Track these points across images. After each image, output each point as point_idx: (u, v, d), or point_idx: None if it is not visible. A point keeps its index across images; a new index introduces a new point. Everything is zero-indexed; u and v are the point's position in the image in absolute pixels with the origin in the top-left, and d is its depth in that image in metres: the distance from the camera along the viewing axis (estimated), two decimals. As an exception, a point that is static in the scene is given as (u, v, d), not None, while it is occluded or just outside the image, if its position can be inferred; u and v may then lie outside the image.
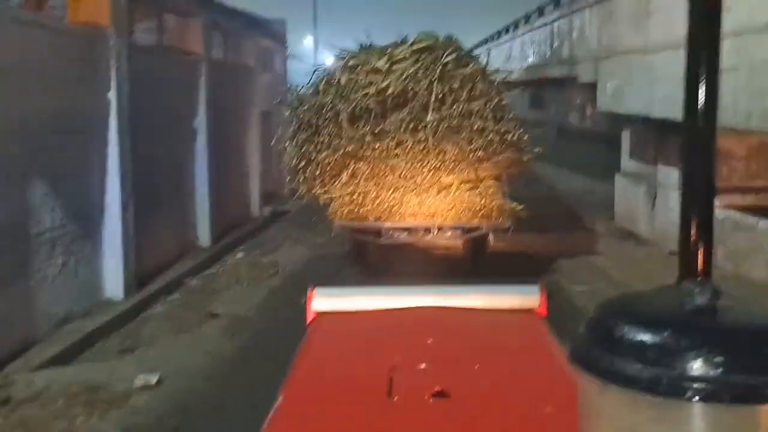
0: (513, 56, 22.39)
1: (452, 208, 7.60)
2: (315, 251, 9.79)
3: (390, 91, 7.56)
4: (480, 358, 1.89)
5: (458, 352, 1.96)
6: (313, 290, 2.34)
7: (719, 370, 0.79)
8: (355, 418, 1.62)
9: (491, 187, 7.67)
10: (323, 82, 8.06)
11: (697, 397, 0.80)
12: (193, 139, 9.88)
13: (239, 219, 11.57)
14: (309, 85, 8.26)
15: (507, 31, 23.65)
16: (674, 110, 7.47)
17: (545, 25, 17.90)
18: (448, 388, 1.66)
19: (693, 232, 1.07)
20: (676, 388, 0.80)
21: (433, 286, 2.45)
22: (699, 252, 1.06)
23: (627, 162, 11.60)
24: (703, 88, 1.05)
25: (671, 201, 9.19)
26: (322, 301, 2.32)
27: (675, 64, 7.11)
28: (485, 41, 27.80)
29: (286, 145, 8.09)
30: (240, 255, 9.70)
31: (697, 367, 0.80)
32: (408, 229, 7.81)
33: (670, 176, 9.60)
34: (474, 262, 8.12)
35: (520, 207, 7.79)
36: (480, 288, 2.44)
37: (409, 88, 7.56)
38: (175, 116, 9.33)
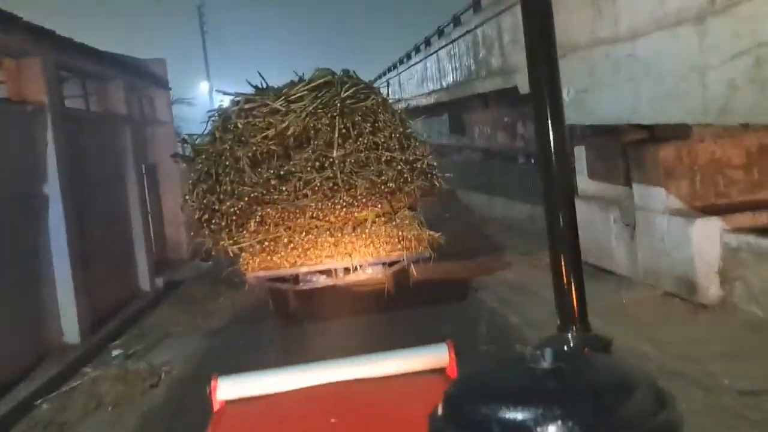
0: (428, 77, 20.38)
1: (370, 243, 7.55)
2: (213, 340, 8.21)
3: (291, 131, 7.45)
4: (384, 431, 1.88)
5: (363, 427, 1.98)
6: (217, 379, 2.37)
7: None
8: None
9: (407, 218, 7.63)
10: (219, 129, 7.90)
11: None
12: (44, 209, 8.19)
13: (123, 298, 10.02)
14: (205, 132, 8.07)
15: (417, 50, 21.39)
16: (673, 111, 6.29)
17: (466, 33, 15.27)
18: None
19: (565, 281, 1.04)
20: None
21: (341, 359, 2.48)
22: (573, 300, 1.03)
23: (586, 183, 9.35)
24: (552, 130, 1.04)
25: (657, 228, 7.58)
26: (227, 389, 2.35)
27: (671, 49, 6.03)
28: (388, 69, 27.08)
29: (186, 198, 7.83)
30: (116, 352, 7.97)
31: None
32: (326, 271, 7.69)
33: (652, 197, 7.74)
34: (398, 295, 8.09)
35: (439, 234, 7.86)
36: (388, 354, 2.47)
37: (311, 126, 7.50)
38: (12, 182, 7.75)
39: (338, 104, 7.54)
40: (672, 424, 0.84)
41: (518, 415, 0.85)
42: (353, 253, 7.50)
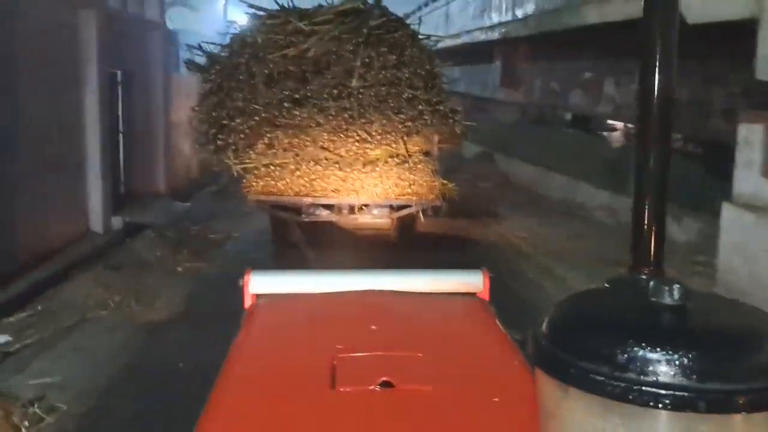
0: (493, 5, 16.24)
1: (379, 183, 7.51)
2: (135, 353, 5.39)
3: (311, 53, 7.31)
4: (425, 345, 1.92)
5: (402, 338, 1.99)
6: (250, 273, 2.36)
7: (692, 378, 0.78)
8: (297, 410, 1.64)
9: (421, 162, 7.56)
10: (237, 42, 7.76)
11: (668, 406, 0.78)
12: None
13: (58, 241, 7.71)
14: (222, 44, 7.93)
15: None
16: None
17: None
18: (394, 377, 1.68)
19: (645, 220, 1.02)
20: (647, 396, 0.79)
21: (374, 270, 2.49)
22: (651, 241, 1.01)
23: (756, 184, 6.02)
24: (657, 69, 0.99)
25: None
26: (260, 283, 2.35)
27: None
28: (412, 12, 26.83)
29: (195, 109, 7.75)
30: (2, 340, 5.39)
31: (669, 374, 0.79)
32: (331, 206, 7.69)
33: None
34: (402, 242, 8.12)
35: (452, 185, 7.84)
36: (422, 273, 2.49)
37: (333, 51, 7.37)
38: None
39: (365, 32, 7.38)
40: None
41: (639, 355, 0.80)
42: (360, 191, 7.48)
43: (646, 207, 1.03)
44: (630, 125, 11.59)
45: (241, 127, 7.29)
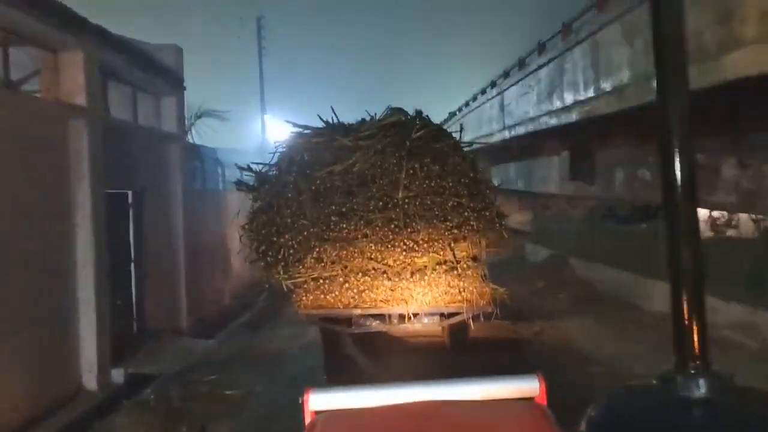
0: (565, 83, 13.30)
1: (428, 291, 7.53)
2: None
3: (357, 167, 7.63)
4: None
5: None
6: (309, 391, 2.46)
7: None
8: None
9: (470, 268, 7.60)
10: (285, 160, 8.14)
11: None
12: None
13: (44, 405, 6.60)
14: (269, 163, 8.33)
15: (542, 48, 14.87)
16: None
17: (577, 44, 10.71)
18: None
19: (685, 313, 1.05)
20: None
21: (429, 381, 2.54)
22: (693, 335, 1.04)
23: None
24: (678, 160, 1.07)
25: None
26: (319, 401, 2.43)
27: None
28: (473, 98, 24.25)
29: (245, 227, 8.04)
30: None
31: None
32: (380, 316, 7.71)
33: None
34: (454, 350, 8.00)
35: (503, 290, 7.79)
36: (478, 380, 2.54)
37: (378, 164, 7.67)
38: None
39: (407, 144, 7.67)
40: None
41: None
42: (409, 300, 7.50)
43: (685, 301, 1.07)
44: (762, 216, 10.03)
45: (291, 242, 7.51)
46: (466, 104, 24.17)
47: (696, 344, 1.02)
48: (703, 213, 11.17)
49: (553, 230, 16.08)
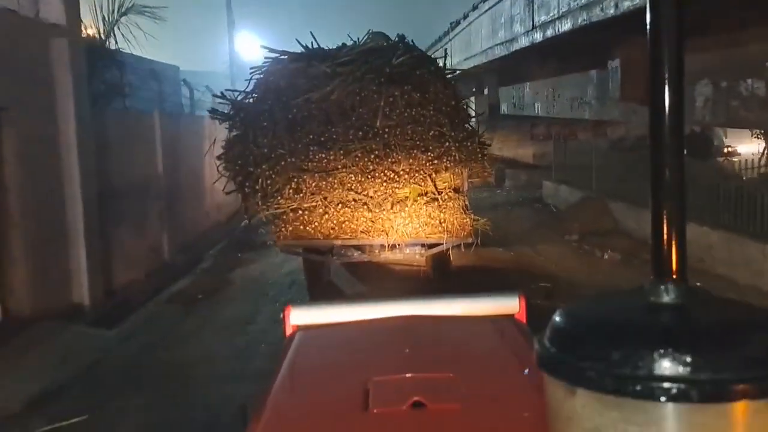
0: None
1: (409, 222, 7.60)
2: None
3: (335, 95, 7.53)
4: (458, 366, 2.00)
5: (436, 360, 2.09)
6: (290, 307, 2.52)
7: (687, 369, 0.83)
8: (332, 429, 1.76)
9: (451, 199, 7.64)
10: (260, 88, 8.00)
11: (665, 398, 0.83)
12: None
13: None
14: (245, 89, 8.18)
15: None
16: None
17: None
18: (426, 397, 1.75)
19: (665, 229, 1.06)
20: (643, 389, 0.84)
21: (411, 297, 2.63)
22: (672, 252, 1.05)
23: None
24: (669, 70, 1.05)
25: None
26: (300, 316, 2.51)
27: None
28: (464, 16, 23.39)
29: (220, 157, 7.97)
30: None
31: (664, 366, 0.84)
32: (361, 247, 7.79)
33: None
34: (438, 279, 8.14)
35: (484, 220, 7.87)
36: (459, 297, 2.60)
37: (357, 92, 7.56)
38: None
39: (388, 71, 7.56)
40: None
41: (637, 350, 0.85)
42: (390, 231, 7.56)
43: (665, 217, 1.07)
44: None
45: (268, 173, 7.47)
46: (474, 7, 21.35)
47: (674, 261, 1.03)
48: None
49: (583, 165, 12.91)
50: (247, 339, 7.13)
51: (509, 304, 2.48)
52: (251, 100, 7.95)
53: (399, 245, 7.61)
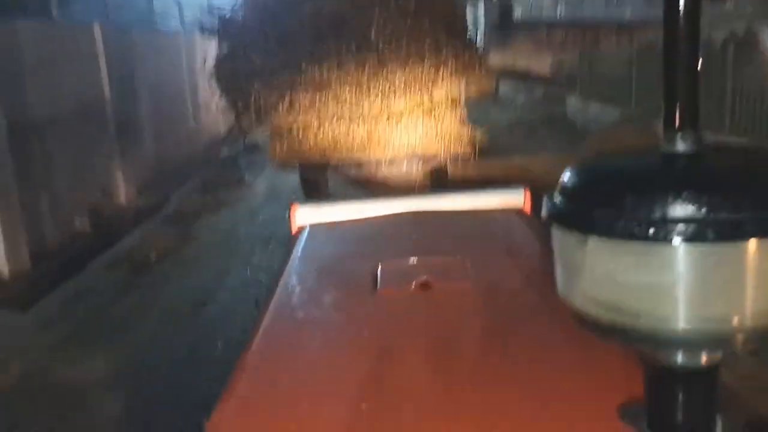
0: None
1: (405, 136, 7.58)
2: None
3: (327, 8, 7.38)
4: (464, 253, 2.07)
5: (443, 248, 2.17)
6: (296, 205, 2.59)
7: (701, 210, 0.84)
8: (342, 312, 1.84)
9: (449, 111, 7.59)
10: (250, 2, 7.81)
11: (679, 238, 0.84)
12: None
13: None
14: (233, 4, 7.99)
15: None
16: None
17: None
18: (432, 279, 1.82)
19: (677, 79, 1.07)
20: (657, 232, 0.84)
21: (417, 194, 2.61)
22: (685, 102, 1.07)
23: None
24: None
25: None
26: (306, 214, 2.57)
27: None
28: None
29: (211, 74, 7.85)
30: None
31: (678, 208, 0.85)
32: (359, 163, 7.81)
33: None
34: (435, 190, 8.16)
35: (481, 130, 7.86)
36: (464, 193, 2.60)
37: (350, 3, 7.38)
38: None
39: None
40: None
41: (651, 195, 0.86)
42: (386, 146, 7.55)
43: (677, 66, 1.08)
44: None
45: (260, 89, 7.38)
46: None
47: (687, 111, 1.04)
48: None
49: (614, 78, 11.60)
50: (196, 333, 5.36)
51: (515, 198, 2.52)
52: (241, 15, 7.76)
53: (396, 160, 7.61)
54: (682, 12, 1.06)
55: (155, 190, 9.82)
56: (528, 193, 2.49)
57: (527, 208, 2.49)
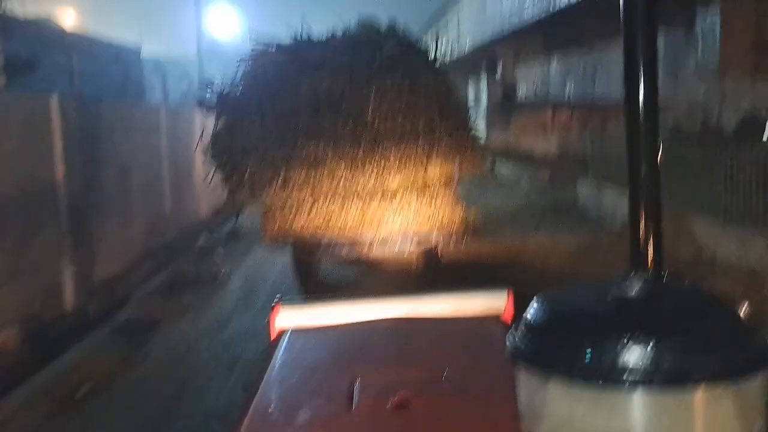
0: None
1: (399, 216, 7.62)
2: None
3: (324, 86, 7.55)
4: (442, 367, 2.06)
5: (421, 361, 2.15)
6: (278, 305, 2.54)
7: (649, 357, 0.88)
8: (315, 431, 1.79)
9: (442, 191, 7.66)
10: (248, 78, 8.00)
11: (629, 384, 0.88)
12: None
13: None
14: (232, 80, 8.17)
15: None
16: None
17: None
18: (409, 398, 1.81)
19: (641, 222, 1.10)
20: (609, 377, 0.89)
21: (399, 295, 2.69)
22: (648, 244, 1.09)
23: None
24: (644, 65, 1.08)
25: None
26: (287, 316, 2.54)
27: None
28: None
29: (206, 151, 7.96)
30: None
31: (628, 355, 0.89)
32: (351, 243, 7.81)
33: None
34: (428, 275, 8.18)
35: (474, 212, 7.92)
36: (446, 295, 2.64)
37: (346, 82, 7.56)
38: None
39: (377, 62, 7.57)
40: (761, 353, 0.91)
41: (604, 340, 0.90)
42: (381, 225, 7.58)
43: (642, 213, 1.11)
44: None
45: (255, 165, 7.47)
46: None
47: (650, 253, 1.08)
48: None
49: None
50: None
51: (497, 301, 2.52)
52: (239, 91, 7.94)
53: (389, 239, 7.63)
54: (644, 169, 1.10)
55: (111, 292, 8.30)
56: (511, 296, 2.50)
57: (509, 314, 2.48)
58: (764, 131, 8.16)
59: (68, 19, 18.23)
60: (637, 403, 0.89)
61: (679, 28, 9.31)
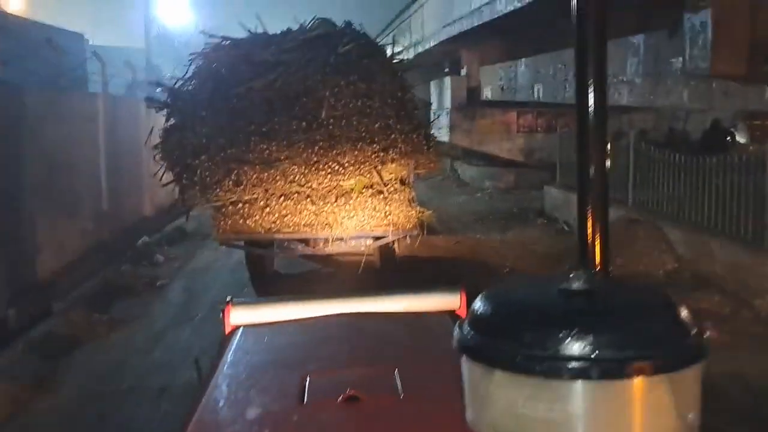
0: None
1: (354, 215, 7.65)
2: None
3: (278, 84, 7.50)
4: (393, 361, 2.09)
5: (373, 356, 2.19)
6: (230, 303, 2.54)
7: (588, 349, 0.92)
8: (267, 425, 1.81)
9: (397, 192, 7.66)
10: (200, 74, 7.90)
11: (568, 376, 0.92)
12: None
13: None
14: (183, 77, 8.07)
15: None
16: None
17: None
18: (360, 392, 1.82)
19: (589, 223, 1.15)
20: (549, 368, 0.92)
21: (353, 293, 2.66)
22: (594, 243, 1.14)
23: None
24: (593, 72, 1.13)
25: None
26: (240, 313, 2.55)
27: None
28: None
29: (157, 147, 7.83)
30: None
31: (568, 346, 0.93)
32: (305, 240, 7.81)
33: None
34: (384, 273, 8.22)
35: (429, 212, 7.99)
36: (400, 293, 2.61)
37: (301, 81, 7.52)
38: None
39: (333, 60, 7.56)
40: (700, 348, 0.96)
41: (545, 332, 0.94)
42: (334, 225, 7.58)
43: (590, 212, 1.16)
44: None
45: (207, 164, 7.39)
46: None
47: (598, 255, 1.13)
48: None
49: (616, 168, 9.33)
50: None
51: (451, 298, 2.57)
52: (190, 87, 7.83)
53: (345, 238, 7.65)
54: (592, 171, 1.15)
55: (27, 302, 7.14)
56: (464, 294, 2.55)
57: (462, 311, 2.53)
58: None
59: (12, 5, 17.58)
60: (577, 393, 0.93)
61: (663, 28, 9.03)
